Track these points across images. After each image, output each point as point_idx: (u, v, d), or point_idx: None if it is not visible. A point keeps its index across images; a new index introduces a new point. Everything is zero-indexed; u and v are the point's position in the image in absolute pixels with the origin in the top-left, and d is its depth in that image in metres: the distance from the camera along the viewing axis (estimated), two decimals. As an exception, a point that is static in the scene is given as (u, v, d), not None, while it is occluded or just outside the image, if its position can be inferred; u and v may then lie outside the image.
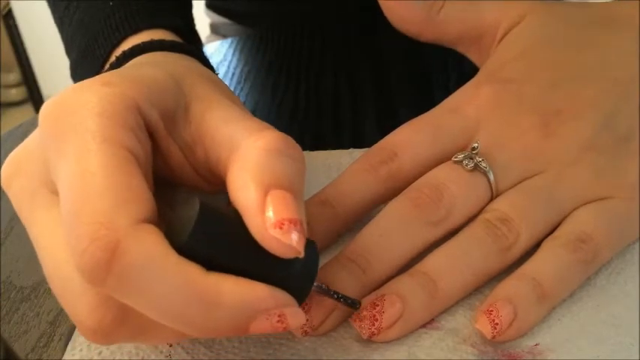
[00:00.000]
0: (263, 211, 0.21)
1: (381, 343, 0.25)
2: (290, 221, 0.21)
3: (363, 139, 0.36)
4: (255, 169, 0.21)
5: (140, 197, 0.20)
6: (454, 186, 0.27)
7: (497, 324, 0.24)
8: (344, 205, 0.29)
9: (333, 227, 0.29)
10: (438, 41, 0.34)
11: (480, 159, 0.28)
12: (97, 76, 0.23)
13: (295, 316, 0.22)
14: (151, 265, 0.20)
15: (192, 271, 0.20)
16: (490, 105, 0.30)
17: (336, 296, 0.24)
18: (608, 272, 0.27)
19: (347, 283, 0.26)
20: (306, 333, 0.25)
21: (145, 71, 0.25)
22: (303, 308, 0.25)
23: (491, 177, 0.28)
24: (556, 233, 0.27)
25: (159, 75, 0.24)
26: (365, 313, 0.25)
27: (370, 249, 0.26)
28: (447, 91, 0.32)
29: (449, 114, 0.30)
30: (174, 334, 0.22)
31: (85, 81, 0.23)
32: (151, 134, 0.23)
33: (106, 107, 0.21)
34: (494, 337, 0.24)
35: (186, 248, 0.20)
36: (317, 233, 0.28)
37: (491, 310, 0.24)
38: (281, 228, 0.20)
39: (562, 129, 0.28)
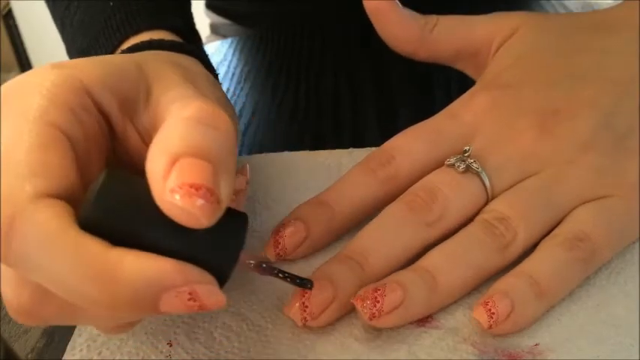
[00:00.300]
0: (166, 177, 0.19)
1: (381, 342, 0.25)
2: (192, 186, 0.19)
3: (363, 139, 0.36)
4: (168, 137, 0.20)
5: (53, 173, 0.20)
6: (447, 188, 0.28)
7: (493, 313, 0.24)
8: (342, 205, 0.29)
9: (331, 227, 0.29)
10: (433, 59, 0.34)
11: (472, 160, 0.28)
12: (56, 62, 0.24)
13: (210, 295, 0.20)
14: (46, 240, 0.19)
15: (90, 245, 0.19)
16: (487, 110, 0.30)
17: (281, 275, 0.24)
18: (608, 272, 0.27)
19: (346, 279, 0.26)
20: (305, 321, 0.25)
21: (108, 57, 0.25)
22: (302, 296, 0.25)
23: (485, 178, 0.28)
24: (554, 232, 0.27)
25: (120, 60, 0.24)
26: (367, 294, 0.25)
27: (368, 248, 0.27)
28: (448, 91, 0.32)
29: (447, 120, 0.31)
30: (104, 314, 0.21)
31: (43, 65, 0.23)
32: (107, 118, 0.23)
33: (49, 88, 0.22)
34: (490, 326, 0.25)
35: (87, 221, 0.19)
36: (315, 233, 0.29)
37: (488, 302, 0.25)
38: (179, 192, 0.19)
39: (559, 128, 0.29)
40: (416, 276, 0.26)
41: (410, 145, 0.30)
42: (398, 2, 0.33)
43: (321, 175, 0.34)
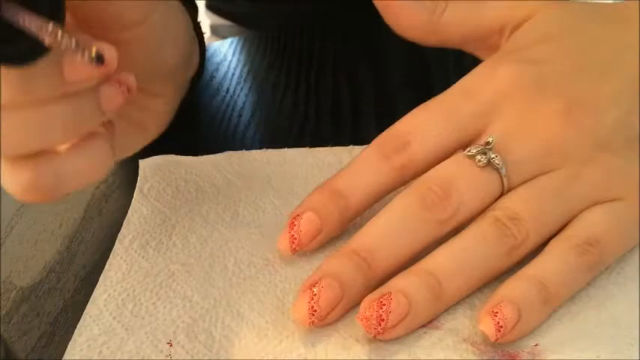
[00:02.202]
0: None
1: (382, 342, 0.25)
2: None
3: (363, 139, 0.36)
4: None
5: None
6: (463, 183, 0.27)
7: (501, 327, 0.24)
8: (356, 194, 0.28)
9: (345, 218, 0.28)
10: (442, 45, 0.33)
11: (494, 155, 0.27)
12: None
13: None
14: None
15: None
16: (508, 88, 0.28)
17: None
18: (608, 272, 0.27)
19: (352, 278, 0.26)
20: (313, 323, 0.25)
21: None
22: (311, 299, 0.25)
23: (504, 173, 0.27)
24: (565, 234, 0.27)
25: None
26: (372, 312, 0.25)
27: (376, 244, 0.26)
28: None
29: (463, 98, 0.29)
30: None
31: None
32: None
33: None
34: (497, 339, 0.24)
35: None
36: (329, 225, 0.28)
37: (497, 312, 0.24)
38: None
39: (584, 120, 0.27)
40: (420, 282, 0.25)
41: (424, 127, 0.28)
42: None
43: (322, 172, 0.34)
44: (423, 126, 0.29)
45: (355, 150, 0.35)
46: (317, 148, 0.36)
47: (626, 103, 0.28)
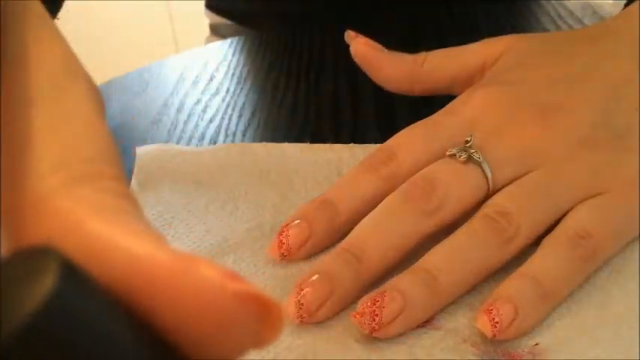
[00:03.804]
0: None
1: (382, 343, 0.25)
2: None
3: (363, 139, 0.36)
4: None
5: None
6: (447, 177, 0.28)
7: (497, 322, 0.24)
8: (344, 203, 0.29)
9: (334, 225, 0.29)
10: (429, 92, 0.34)
11: (473, 150, 0.28)
12: None
13: None
14: None
15: None
16: (486, 105, 0.30)
17: None
18: (608, 271, 0.27)
19: (342, 273, 0.26)
20: (302, 318, 0.25)
21: None
22: (299, 292, 0.25)
23: (486, 168, 0.28)
24: (555, 232, 0.27)
25: None
26: (365, 309, 0.25)
27: (364, 239, 0.27)
28: (447, 98, 0.32)
29: (447, 116, 0.31)
30: None
31: None
32: None
33: None
34: (494, 335, 0.24)
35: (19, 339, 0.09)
36: (318, 231, 0.28)
37: (491, 310, 0.24)
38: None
39: (559, 122, 0.29)
40: (416, 279, 0.26)
41: (410, 141, 0.30)
42: (382, 47, 0.35)
43: (322, 169, 0.34)
44: (409, 140, 0.30)
45: (355, 148, 0.35)
46: (317, 145, 0.36)
47: (601, 103, 0.29)
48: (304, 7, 0.55)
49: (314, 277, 0.26)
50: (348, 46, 0.36)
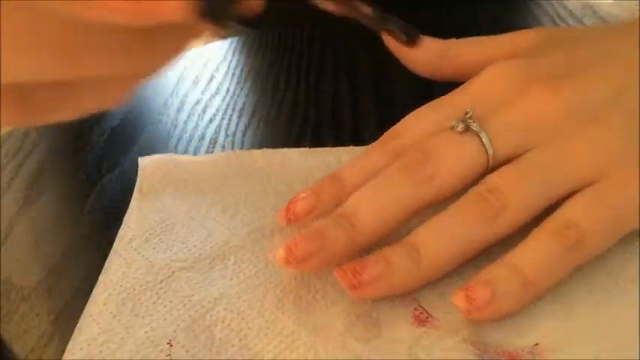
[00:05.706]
0: None
1: (382, 342, 0.25)
2: None
3: (363, 139, 0.36)
4: None
5: None
6: (443, 147, 0.28)
7: (473, 299, 0.25)
8: (352, 177, 0.30)
9: (341, 196, 0.30)
10: (457, 77, 0.34)
11: (472, 121, 0.28)
12: None
13: None
14: None
15: None
16: (496, 77, 0.30)
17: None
18: (607, 271, 0.27)
19: (335, 232, 0.27)
20: (289, 263, 0.26)
21: None
22: (290, 242, 0.26)
23: (484, 139, 0.28)
24: (543, 224, 0.27)
25: None
26: (348, 266, 0.26)
27: (359, 205, 0.28)
28: (448, 92, 0.32)
29: (455, 94, 0.31)
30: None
31: None
32: None
33: None
34: (469, 311, 0.25)
35: None
36: (325, 202, 0.30)
37: (468, 288, 0.25)
38: None
39: (573, 96, 0.28)
40: (402, 250, 0.26)
41: (415, 120, 0.31)
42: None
43: (322, 172, 0.34)
44: (414, 118, 0.31)
45: (355, 150, 0.35)
46: (317, 149, 0.36)
47: (617, 79, 0.29)
48: (305, 7, 0.54)
49: (307, 231, 0.27)
50: (348, 46, 0.36)
